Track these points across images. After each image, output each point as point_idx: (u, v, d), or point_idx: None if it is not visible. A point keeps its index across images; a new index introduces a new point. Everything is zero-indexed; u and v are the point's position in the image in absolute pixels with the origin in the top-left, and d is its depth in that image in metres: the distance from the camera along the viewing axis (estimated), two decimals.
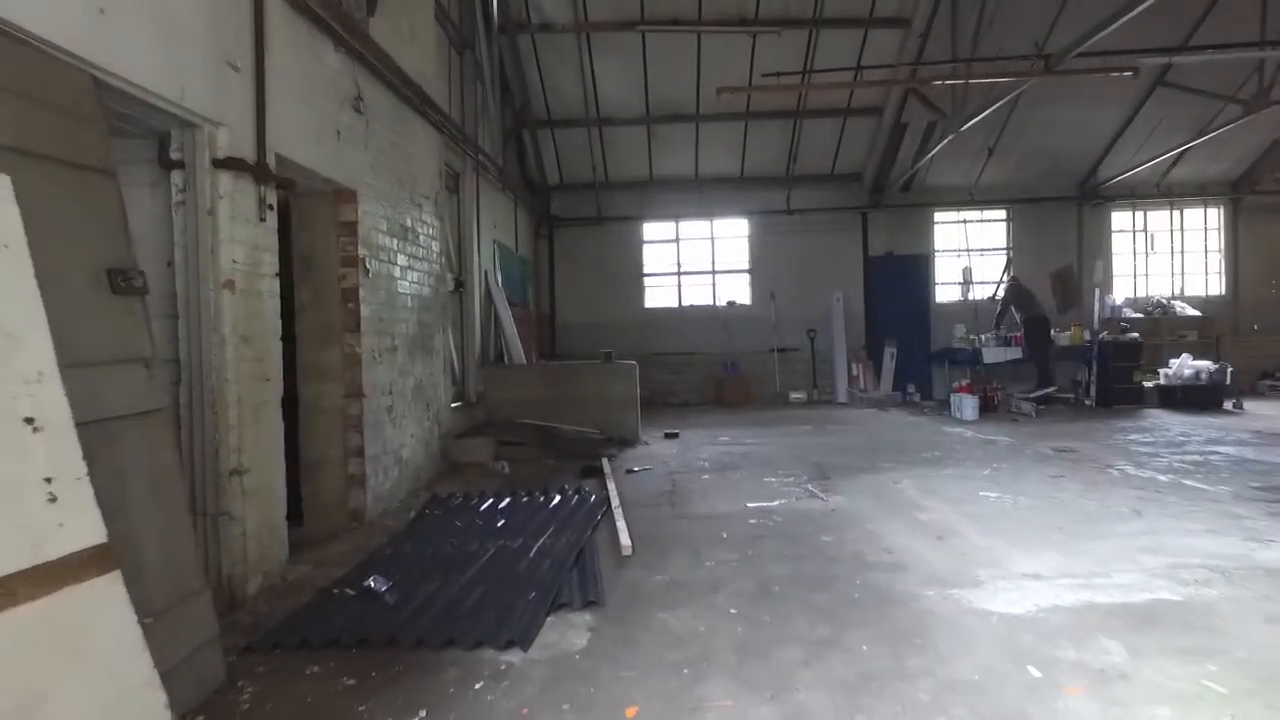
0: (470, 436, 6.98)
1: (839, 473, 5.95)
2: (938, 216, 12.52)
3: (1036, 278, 11.94)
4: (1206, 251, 12.58)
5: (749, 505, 4.95)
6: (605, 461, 6.48)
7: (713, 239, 12.69)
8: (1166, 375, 10.22)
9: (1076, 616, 2.92)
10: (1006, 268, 12.32)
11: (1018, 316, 10.54)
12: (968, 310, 12.07)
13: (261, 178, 3.67)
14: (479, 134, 8.55)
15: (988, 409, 9.77)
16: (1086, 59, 7.36)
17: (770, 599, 3.25)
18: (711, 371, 12.35)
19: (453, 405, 7.08)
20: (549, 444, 7.13)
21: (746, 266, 12.62)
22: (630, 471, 6.28)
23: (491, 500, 5.16)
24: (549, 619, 3.10)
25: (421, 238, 6.20)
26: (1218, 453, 6.48)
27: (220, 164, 3.42)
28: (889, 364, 11.97)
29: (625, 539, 4.12)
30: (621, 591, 3.41)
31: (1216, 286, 12.54)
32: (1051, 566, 3.51)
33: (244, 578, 3.44)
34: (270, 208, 3.80)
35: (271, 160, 3.80)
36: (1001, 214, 12.52)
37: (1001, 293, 11.27)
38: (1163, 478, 5.45)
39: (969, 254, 12.39)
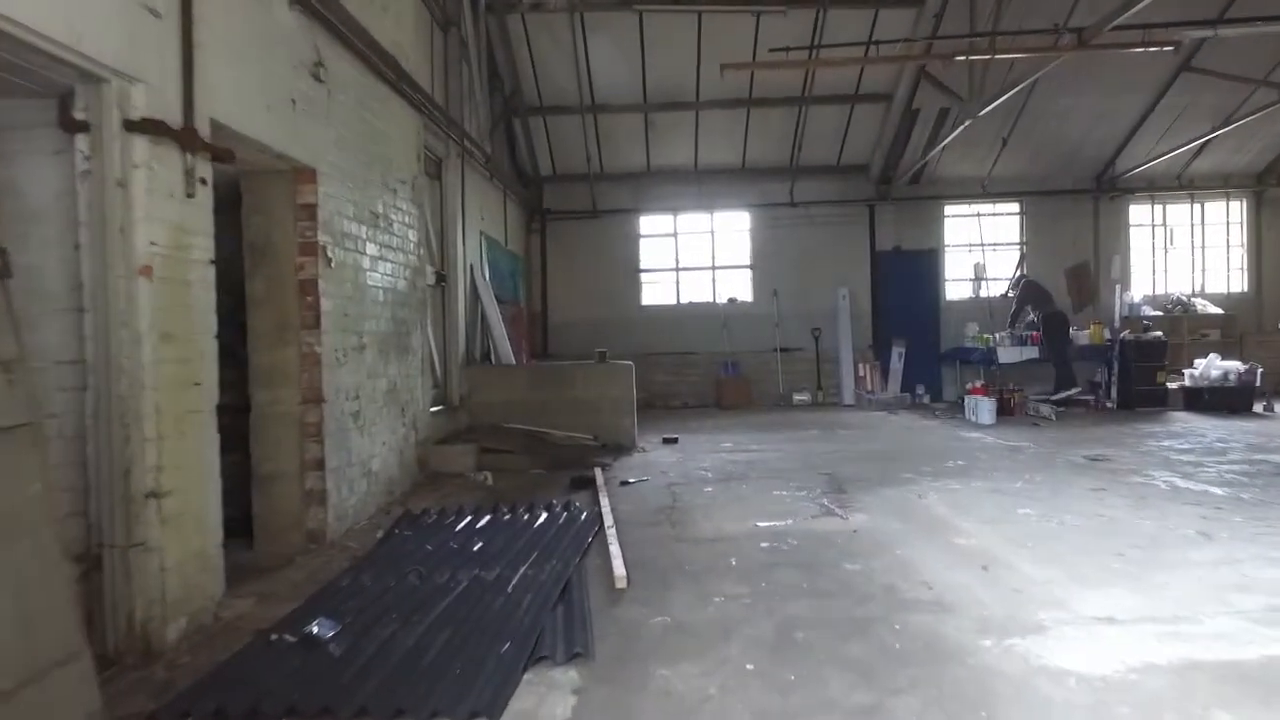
0: (452, 443, 6.41)
1: (856, 485, 5.40)
2: (948, 210, 11.97)
3: (1052, 274, 11.43)
4: (1229, 247, 12.05)
5: (759, 525, 4.40)
6: (598, 472, 5.92)
7: (713, 233, 12.14)
8: (1192, 376, 9.68)
9: (1179, 680, 2.36)
10: (1020, 263, 11.78)
11: (1034, 315, 10.00)
12: (980, 308, 11.51)
13: (189, 145, 3.10)
14: (464, 118, 7.98)
15: (1004, 412, 9.22)
16: (1122, 33, 6.80)
17: (793, 650, 2.69)
18: (711, 372, 11.80)
19: (432, 409, 6.52)
20: (537, 452, 6.57)
21: (748, 262, 12.07)
22: (626, 483, 5.72)
23: (470, 518, 4.59)
24: (526, 676, 2.54)
25: (396, 226, 5.63)
26: (1268, 461, 5.94)
27: (134, 126, 2.85)
28: (897, 364, 11.43)
29: (619, 568, 3.56)
30: (614, 638, 2.85)
31: (1239, 283, 12.01)
32: (1126, 607, 2.96)
33: (163, 621, 2.87)
34: (203, 182, 3.24)
35: (204, 126, 3.23)
36: (1015, 207, 11.98)
37: (1014, 290, 10.72)
38: (1217, 490, 4.90)
39: (981, 249, 11.84)
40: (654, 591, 3.35)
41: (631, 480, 5.79)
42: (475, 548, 3.99)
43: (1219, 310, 11.53)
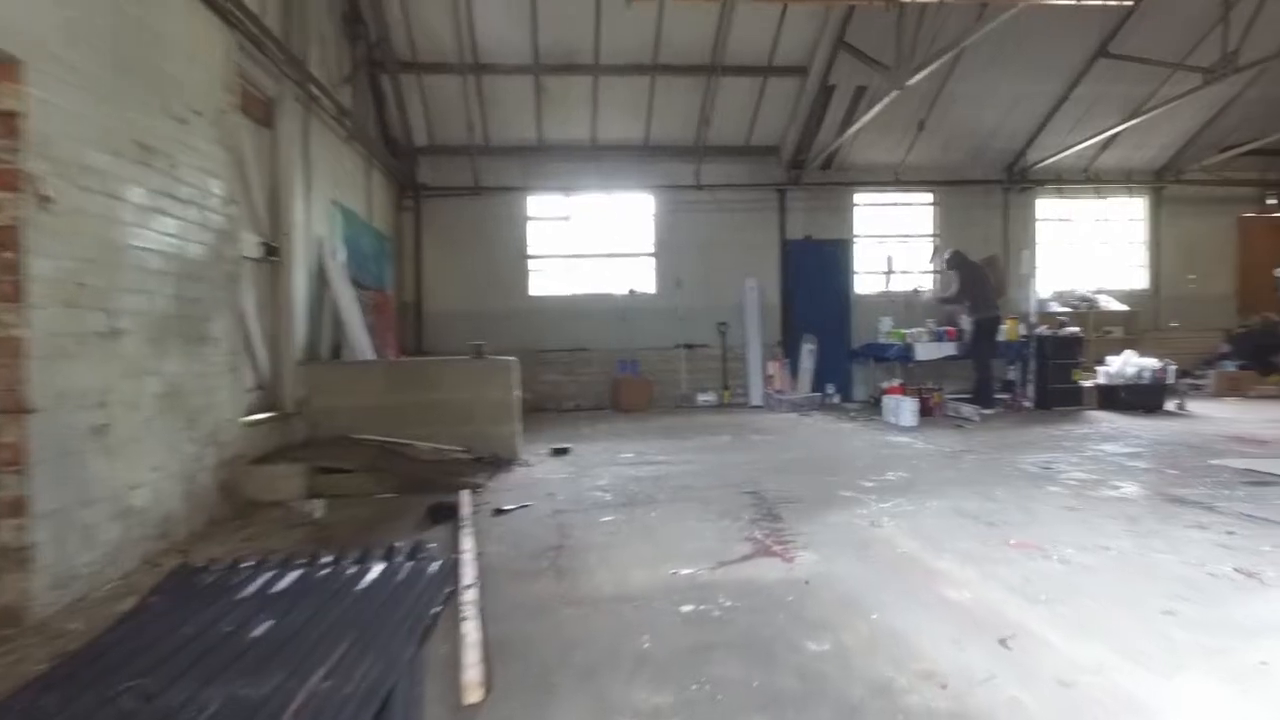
0: (276, 462, 4.94)
1: (790, 508, 4.34)
2: (859, 198, 11.29)
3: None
4: (1130, 243, 11.94)
5: (676, 573, 3.24)
6: (466, 497, 4.61)
7: (612, 217, 10.97)
8: (1108, 374, 9.31)
9: None
10: (934, 255, 11.23)
11: (965, 311, 9.38)
12: (893, 302, 10.89)
13: None
14: (309, 58, 6.47)
15: (924, 413, 8.50)
16: None
17: None
18: (608, 371, 10.63)
19: (250, 419, 5.02)
20: (391, 470, 5.18)
21: (651, 249, 10.97)
22: (501, 511, 4.44)
23: (270, 575, 3.21)
24: None
25: (186, 170, 4.14)
26: (1228, 468, 5.31)
27: None
28: (808, 362, 10.63)
29: (472, 668, 2.31)
30: None
31: (1139, 280, 11.92)
32: (1237, 713, 1.97)
33: None
34: None
35: None
36: (929, 197, 11.43)
37: (947, 265, 9.91)
38: (1210, 507, 4.13)
39: (893, 240, 11.22)
40: (526, 708, 2.12)
41: (509, 508, 4.51)
42: (257, 632, 2.63)
43: (1123, 307, 11.36)
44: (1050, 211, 11.72)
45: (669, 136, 10.50)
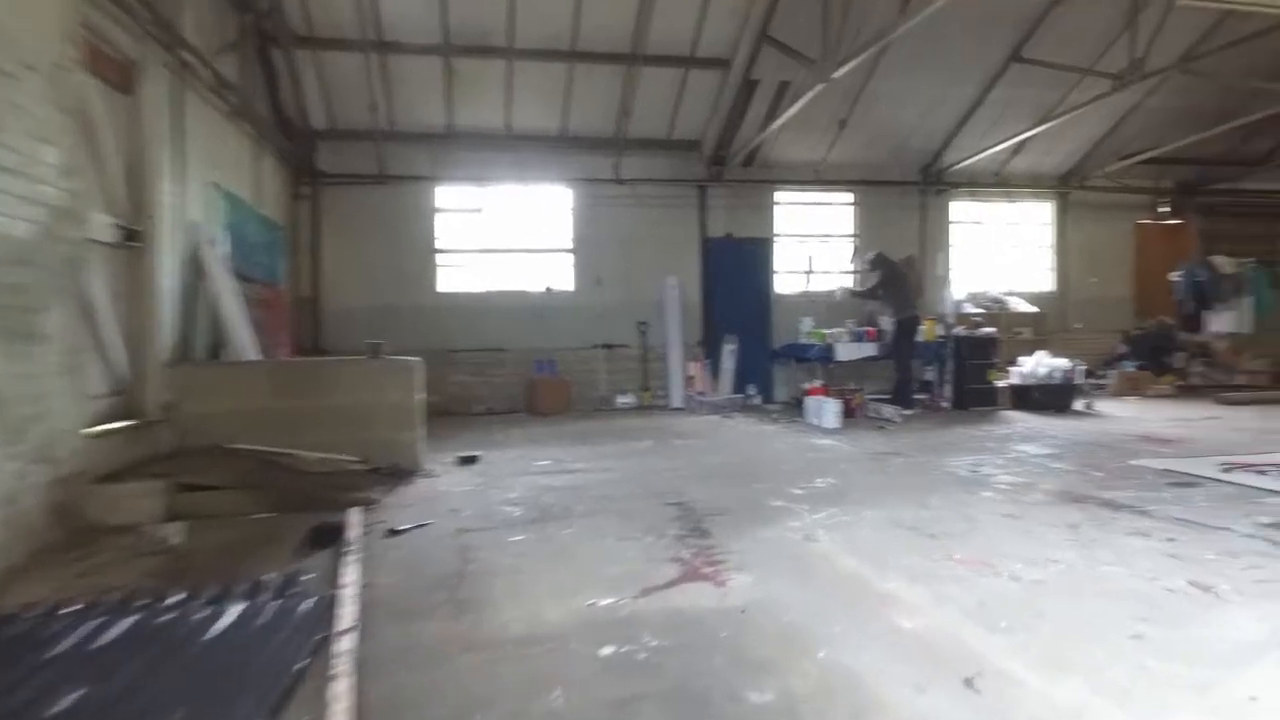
0: (129, 479, 4.25)
1: (718, 521, 3.99)
2: (780, 196, 11.15)
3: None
4: (1038, 247, 12.25)
5: (597, 604, 2.82)
6: (356, 516, 4.06)
7: (527, 210, 10.45)
8: (1020, 374, 9.43)
9: None
10: (854, 255, 11.21)
11: (886, 311, 9.33)
12: (813, 302, 10.80)
13: None
14: (182, 20, 5.73)
15: (846, 414, 8.35)
16: None
17: None
18: (523, 372, 10.11)
19: (96, 429, 4.31)
20: (271, 485, 4.56)
21: (569, 245, 10.52)
22: (396, 532, 3.91)
23: (97, 624, 2.61)
24: None
25: (7, 133, 3.45)
26: (1148, 469, 5.29)
27: None
28: (729, 362, 10.40)
29: None
30: None
31: (1046, 283, 12.24)
32: None
33: None
34: None
35: None
36: (849, 197, 11.40)
37: (868, 266, 9.83)
38: (1145, 511, 4.01)
39: (814, 239, 11.14)
40: None
41: (405, 527, 3.98)
42: (61, 704, 2.06)
43: (1031, 308, 11.62)
44: (964, 214, 11.89)
45: (588, 127, 10.08)
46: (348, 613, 2.66)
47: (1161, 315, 11.90)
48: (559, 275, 10.50)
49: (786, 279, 11.19)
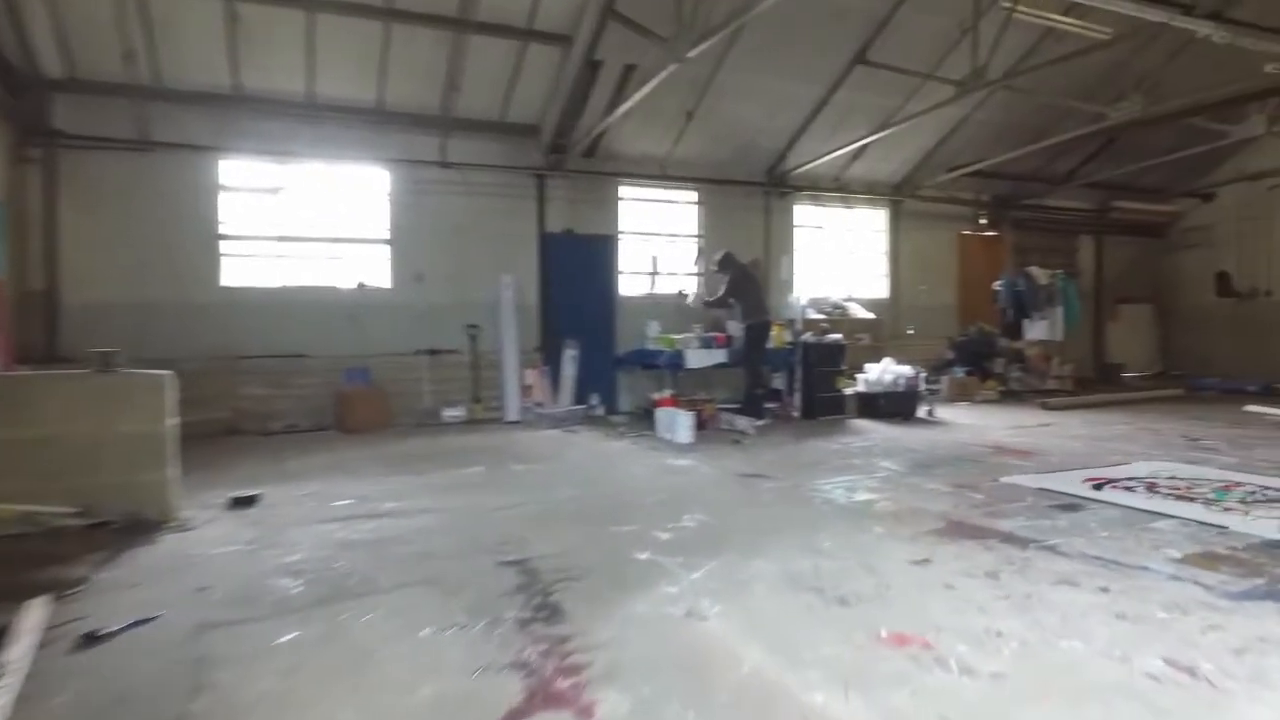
0: None
1: (573, 590, 3.07)
2: (625, 191, 10.40)
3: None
4: (875, 253, 12.38)
5: None
6: (35, 612, 2.72)
7: (336, 193, 8.95)
8: (867, 381, 9.28)
9: None
10: (698, 256, 10.69)
11: (735, 316, 8.81)
12: (658, 304, 10.15)
13: None
14: None
15: (699, 426, 7.71)
16: None
17: None
18: (332, 382, 8.63)
19: None
20: None
21: (386, 235, 9.14)
22: (94, 638, 2.63)
23: None
24: None
25: None
26: (1023, 487, 4.98)
27: None
28: (570, 370, 9.48)
29: None
30: None
31: (881, 289, 12.39)
32: None
33: None
34: None
35: None
36: (694, 195, 10.86)
37: (716, 268, 9.24)
38: (1065, 552, 3.54)
39: (661, 238, 10.49)
40: None
41: (111, 629, 2.70)
42: None
43: (869, 314, 11.68)
44: (807, 218, 11.75)
45: (409, 101, 8.78)
46: None
47: (981, 323, 12.39)
48: (374, 270, 9.10)
49: (631, 280, 10.46)
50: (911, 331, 12.28)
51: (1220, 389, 11.48)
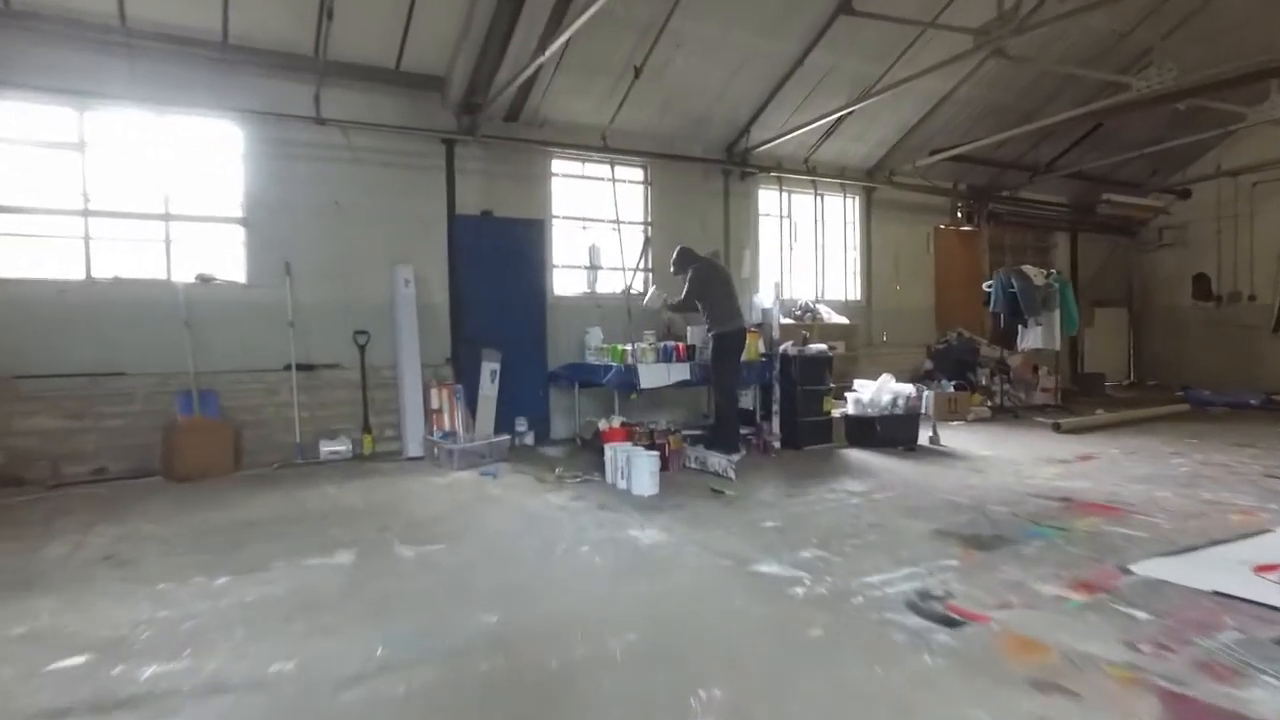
0: None
1: None
2: (558, 166, 8.40)
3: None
4: (845, 249, 10.75)
5: None
6: None
7: (167, 154, 6.64)
8: (858, 402, 7.59)
9: None
10: (645, 248, 8.81)
11: (705, 319, 6.95)
12: (600, 306, 8.23)
13: None
14: None
15: (662, 467, 5.81)
16: None
17: None
18: (161, 409, 6.35)
19: None
20: None
21: (239, 214, 6.88)
22: None
23: None
24: None
25: None
26: (1180, 586, 3.29)
27: None
28: (490, 389, 7.45)
29: None
30: None
31: (853, 290, 10.78)
32: None
33: None
34: None
35: None
36: (639, 174, 8.95)
37: (671, 268, 7.39)
38: None
39: (604, 225, 8.54)
40: None
41: None
42: None
43: (844, 320, 10.03)
44: (772, 206, 10.02)
45: (266, 35, 6.55)
46: None
47: (960, 328, 10.97)
48: (222, 259, 6.82)
49: (567, 276, 8.48)
50: (885, 339, 10.73)
51: (1222, 403, 10.34)
